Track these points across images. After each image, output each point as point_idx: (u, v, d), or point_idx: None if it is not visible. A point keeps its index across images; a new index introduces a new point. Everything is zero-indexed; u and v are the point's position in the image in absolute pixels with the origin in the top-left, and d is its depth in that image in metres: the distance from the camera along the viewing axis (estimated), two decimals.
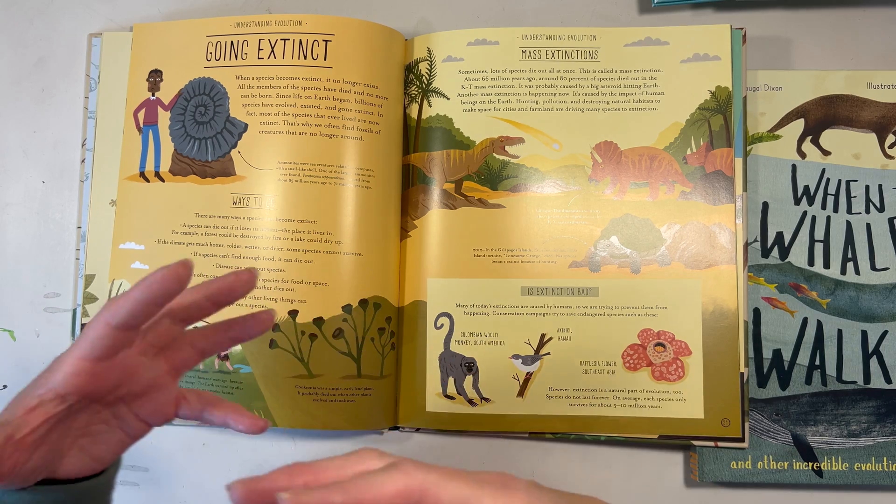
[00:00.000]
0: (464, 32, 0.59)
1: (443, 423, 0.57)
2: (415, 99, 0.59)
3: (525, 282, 0.57)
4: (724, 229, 0.56)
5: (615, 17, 0.62)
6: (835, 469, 0.55)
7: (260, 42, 0.58)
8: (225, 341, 0.40)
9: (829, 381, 0.56)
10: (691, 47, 0.57)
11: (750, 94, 0.58)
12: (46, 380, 0.36)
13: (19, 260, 0.62)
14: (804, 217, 0.57)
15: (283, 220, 0.56)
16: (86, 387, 0.36)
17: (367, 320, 0.56)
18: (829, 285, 0.57)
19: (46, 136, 0.63)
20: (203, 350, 0.40)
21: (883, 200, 0.57)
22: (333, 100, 0.56)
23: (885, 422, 0.56)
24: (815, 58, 0.60)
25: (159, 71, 0.60)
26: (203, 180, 0.58)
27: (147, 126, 0.60)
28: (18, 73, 0.64)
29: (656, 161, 0.57)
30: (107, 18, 0.64)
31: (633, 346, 0.56)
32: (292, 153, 0.56)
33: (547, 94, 0.58)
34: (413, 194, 0.59)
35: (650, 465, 0.58)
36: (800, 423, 0.56)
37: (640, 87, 0.58)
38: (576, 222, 0.57)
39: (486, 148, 0.58)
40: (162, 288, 0.34)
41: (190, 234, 0.58)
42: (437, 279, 0.57)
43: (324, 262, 0.55)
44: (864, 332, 0.56)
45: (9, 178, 0.63)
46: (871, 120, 0.58)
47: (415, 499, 0.29)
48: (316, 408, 0.55)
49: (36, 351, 0.61)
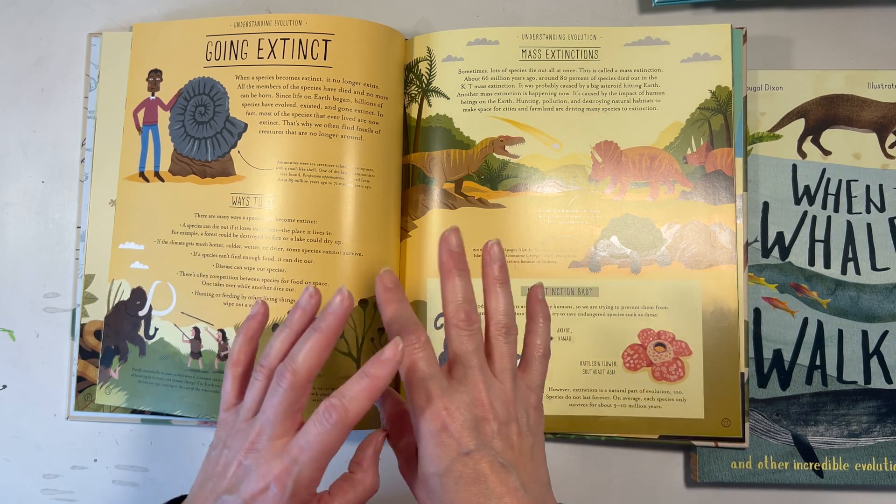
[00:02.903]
0: (464, 32, 0.59)
1: None
2: (415, 99, 0.59)
3: (525, 282, 0.57)
4: (724, 229, 0.56)
5: (615, 17, 0.62)
6: (835, 469, 0.55)
7: (260, 42, 0.58)
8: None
9: (830, 381, 0.56)
10: (691, 47, 0.57)
11: (750, 93, 0.58)
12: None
13: (19, 260, 0.62)
14: (804, 217, 0.57)
15: (282, 220, 0.56)
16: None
17: (367, 320, 0.56)
18: (830, 285, 0.57)
19: (46, 135, 0.63)
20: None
21: (883, 200, 0.57)
22: (333, 99, 0.56)
23: (885, 422, 0.56)
24: (815, 58, 0.60)
25: (159, 71, 0.60)
26: (203, 180, 0.58)
27: (147, 126, 0.60)
28: (18, 73, 0.64)
29: (656, 161, 0.57)
30: (107, 18, 0.64)
31: (633, 346, 0.56)
32: (292, 153, 0.56)
33: (547, 94, 0.58)
34: (413, 194, 0.59)
35: (650, 465, 0.58)
36: (800, 424, 0.56)
37: (641, 86, 0.58)
38: (576, 222, 0.57)
39: (486, 148, 0.58)
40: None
41: (190, 233, 0.57)
42: (437, 279, 0.57)
43: (324, 262, 0.55)
44: (864, 332, 0.56)
45: (8, 177, 0.63)
46: (871, 120, 0.58)
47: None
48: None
49: (35, 351, 0.61)
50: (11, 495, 0.61)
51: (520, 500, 0.38)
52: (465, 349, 0.41)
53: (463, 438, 0.39)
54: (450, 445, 0.39)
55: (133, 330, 0.58)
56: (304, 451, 0.38)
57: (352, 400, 0.38)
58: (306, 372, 0.39)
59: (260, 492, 0.38)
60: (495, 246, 0.43)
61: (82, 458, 0.61)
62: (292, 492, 0.38)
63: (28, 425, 0.61)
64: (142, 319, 0.58)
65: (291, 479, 0.38)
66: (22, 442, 0.61)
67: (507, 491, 0.38)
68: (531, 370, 0.44)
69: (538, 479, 0.41)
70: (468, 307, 0.42)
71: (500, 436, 0.40)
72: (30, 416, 0.61)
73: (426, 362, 0.41)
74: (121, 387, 0.58)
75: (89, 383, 0.59)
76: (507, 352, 0.43)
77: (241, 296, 0.56)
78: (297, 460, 0.38)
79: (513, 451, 0.40)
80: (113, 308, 0.59)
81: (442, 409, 0.39)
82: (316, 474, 0.39)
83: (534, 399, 0.43)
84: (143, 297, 0.58)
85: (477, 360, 0.42)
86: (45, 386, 0.61)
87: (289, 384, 0.39)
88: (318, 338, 0.39)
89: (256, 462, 0.39)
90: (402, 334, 0.41)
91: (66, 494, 0.60)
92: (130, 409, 0.58)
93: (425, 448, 0.40)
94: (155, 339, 0.58)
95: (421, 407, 0.40)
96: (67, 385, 0.61)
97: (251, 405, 0.42)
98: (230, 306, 0.56)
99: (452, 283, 0.43)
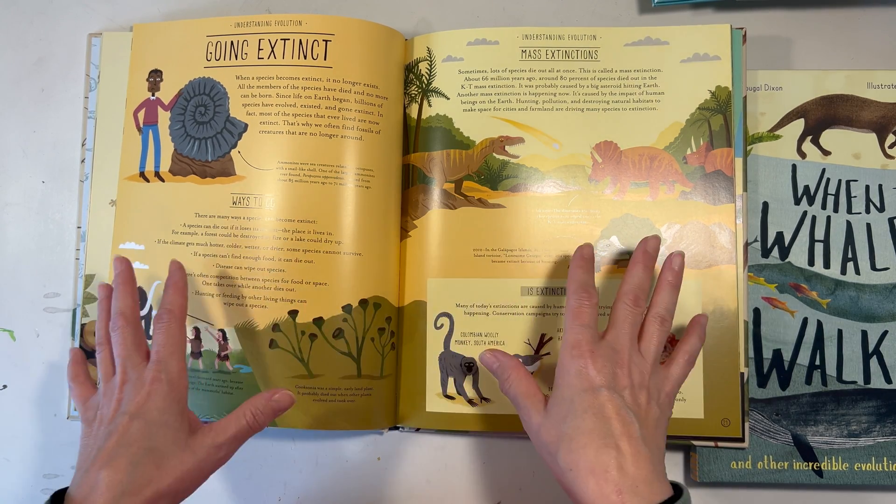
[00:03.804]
0: (464, 32, 0.59)
1: (443, 423, 0.57)
2: (415, 99, 0.59)
3: (525, 282, 0.57)
4: (724, 229, 0.56)
5: (615, 17, 0.62)
6: (835, 469, 0.55)
7: (260, 42, 0.58)
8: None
9: (830, 381, 0.56)
10: (691, 47, 0.57)
11: (750, 93, 0.58)
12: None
13: (19, 260, 0.62)
14: (804, 217, 0.57)
15: (283, 220, 0.56)
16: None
17: (367, 320, 0.56)
18: (830, 285, 0.57)
19: (46, 136, 0.63)
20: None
21: (883, 200, 0.57)
22: (333, 100, 0.56)
23: (885, 422, 0.56)
24: (815, 58, 0.60)
25: (159, 71, 0.60)
26: (203, 180, 0.58)
27: (147, 126, 0.60)
28: (18, 73, 0.64)
29: (656, 161, 0.57)
30: (107, 18, 0.64)
31: None
32: (292, 153, 0.56)
33: (547, 94, 0.58)
34: (413, 194, 0.59)
35: None
36: (800, 423, 0.56)
37: (640, 86, 0.58)
38: (576, 222, 0.57)
39: (486, 148, 0.58)
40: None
41: (190, 233, 0.58)
42: (437, 279, 0.57)
43: (324, 262, 0.55)
44: (864, 332, 0.56)
45: (9, 178, 0.63)
46: (871, 120, 0.58)
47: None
48: (316, 408, 0.55)
49: (36, 351, 0.61)
50: (11, 495, 0.61)
51: (636, 447, 0.42)
52: (623, 321, 0.48)
53: (599, 378, 0.44)
54: (586, 378, 0.45)
55: None
56: (161, 350, 0.48)
57: (171, 303, 0.50)
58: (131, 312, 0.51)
59: (144, 397, 0.46)
60: (679, 258, 0.50)
61: None
62: (168, 385, 0.46)
63: (28, 425, 0.61)
64: (142, 319, 0.58)
65: (164, 374, 0.47)
66: (22, 442, 0.61)
67: (626, 434, 0.42)
68: (674, 365, 0.49)
69: (658, 445, 0.45)
70: (639, 293, 0.49)
71: (631, 393, 0.45)
72: (30, 416, 0.61)
73: (590, 313, 0.47)
74: None
75: None
76: (657, 338, 0.48)
77: (242, 296, 0.56)
78: (159, 360, 0.47)
79: (640, 409, 0.45)
80: None
81: (588, 351, 0.45)
82: (180, 364, 0.48)
83: (668, 387, 0.48)
84: (144, 298, 0.58)
85: (629, 332, 0.47)
86: (45, 386, 0.61)
87: (120, 327, 0.49)
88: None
89: (133, 386, 0.47)
90: (578, 291, 0.48)
91: None
92: None
93: (565, 377, 0.46)
94: None
95: (572, 343, 0.46)
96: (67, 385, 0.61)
97: (104, 373, 0.51)
98: (230, 306, 0.56)
99: (636, 270, 0.50)
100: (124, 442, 0.44)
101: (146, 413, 0.45)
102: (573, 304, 0.48)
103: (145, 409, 0.45)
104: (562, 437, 0.43)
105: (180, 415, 0.46)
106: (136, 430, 0.44)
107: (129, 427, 0.44)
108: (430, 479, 0.59)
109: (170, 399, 0.46)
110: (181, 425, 0.46)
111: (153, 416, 0.45)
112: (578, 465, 0.42)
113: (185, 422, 0.46)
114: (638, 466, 0.41)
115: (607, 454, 0.41)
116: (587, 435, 0.42)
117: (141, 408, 0.45)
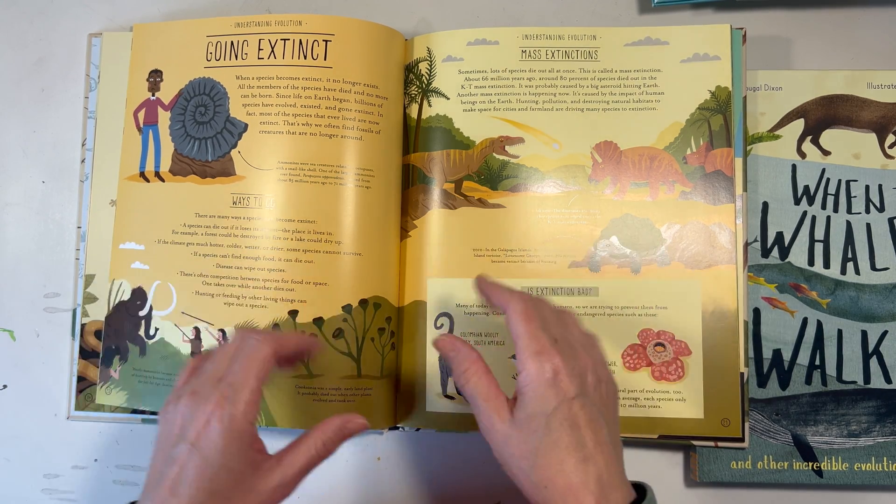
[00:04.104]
0: (464, 32, 0.59)
1: (443, 423, 0.57)
2: (415, 99, 0.59)
3: (525, 282, 0.57)
4: (724, 229, 0.56)
5: (615, 17, 0.62)
6: (835, 469, 0.55)
7: (260, 42, 0.58)
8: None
9: (829, 381, 0.56)
10: (691, 47, 0.57)
11: (750, 93, 0.58)
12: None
13: (19, 260, 0.62)
14: (804, 217, 0.57)
15: (283, 220, 0.56)
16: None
17: (367, 320, 0.56)
18: (829, 285, 0.57)
19: (46, 135, 0.63)
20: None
21: (883, 200, 0.57)
22: (333, 100, 0.56)
23: (885, 422, 0.56)
24: (815, 58, 0.60)
25: (159, 71, 0.60)
26: (203, 180, 0.58)
27: (147, 126, 0.60)
28: (18, 73, 0.64)
29: (656, 161, 0.57)
30: (107, 18, 0.64)
31: (632, 346, 0.56)
32: (292, 153, 0.56)
33: (547, 94, 0.58)
34: (413, 194, 0.59)
35: (650, 465, 0.58)
36: (800, 423, 0.56)
37: (640, 86, 0.58)
38: (576, 222, 0.57)
39: (486, 148, 0.58)
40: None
41: (190, 233, 0.58)
42: (437, 279, 0.57)
43: (324, 262, 0.55)
44: (864, 332, 0.56)
45: (9, 178, 0.63)
46: (871, 120, 0.58)
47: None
48: (316, 408, 0.55)
49: (36, 351, 0.61)
50: (11, 495, 0.61)
51: (608, 454, 0.42)
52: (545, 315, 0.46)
53: (571, 385, 0.43)
54: (560, 389, 0.42)
55: (133, 330, 0.58)
56: (235, 373, 0.42)
57: (278, 335, 0.45)
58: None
59: (203, 426, 0.40)
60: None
61: (83, 457, 0.61)
62: (230, 420, 0.41)
63: (28, 425, 0.61)
64: (142, 319, 0.58)
65: (229, 404, 0.41)
66: (22, 442, 0.61)
67: (598, 442, 0.42)
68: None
69: (618, 434, 0.45)
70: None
71: (597, 391, 0.44)
72: (30, 416, 0.61)
73: (544, 318, 0.45)
74: (121, 387, 0.58)
75: (90, 383, 0.59)
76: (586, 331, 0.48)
77: (242, 296, 0.56)
78: (232, 384, 0.42)
79: (605, 405, 0.44)
80: (113, 308, 0.59)
81: (556, 357, 0.43)
82: (251, 396, 0.42)
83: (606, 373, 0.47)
84: (144, 297, 0.58)
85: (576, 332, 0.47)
86: (45, 386, 0.61)
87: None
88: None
89: (196, 402, 0.42)
90: (519, 294, 0.46)
91: (66, 494, 0.60)
92: (131, 409, 0.58)
93: (536, 389, 0.43)
94: (155, 339, 0.58)
95: (536, 352, 0.43)
96: (68, 385, 0.61)
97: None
98: (230, 306, 0.56)
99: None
100: (184, 479, 0.40)
101: (204, 448, 0.40)
102: (519, 306, 0.44)
103: (204, 443, 0.40)
104: (536, 452, 0.41)
105: (242, 453, 0.41)
106: (195, 469, 0.40)
107: (187, 462, 0.40)
108: (430, 479, 0.59)
109: (229, 438, 0.41)
110: (244, 467, 0.41)
111: (212, 457, 0.40)
112: (555, 482, 0.41)
113: (249, 460, 0.42)
114: (610, 473, 0.41)
115: (585, 470, 0.41)
116: (564, 450, 0.41)
117: (199, 438, 0.41)
